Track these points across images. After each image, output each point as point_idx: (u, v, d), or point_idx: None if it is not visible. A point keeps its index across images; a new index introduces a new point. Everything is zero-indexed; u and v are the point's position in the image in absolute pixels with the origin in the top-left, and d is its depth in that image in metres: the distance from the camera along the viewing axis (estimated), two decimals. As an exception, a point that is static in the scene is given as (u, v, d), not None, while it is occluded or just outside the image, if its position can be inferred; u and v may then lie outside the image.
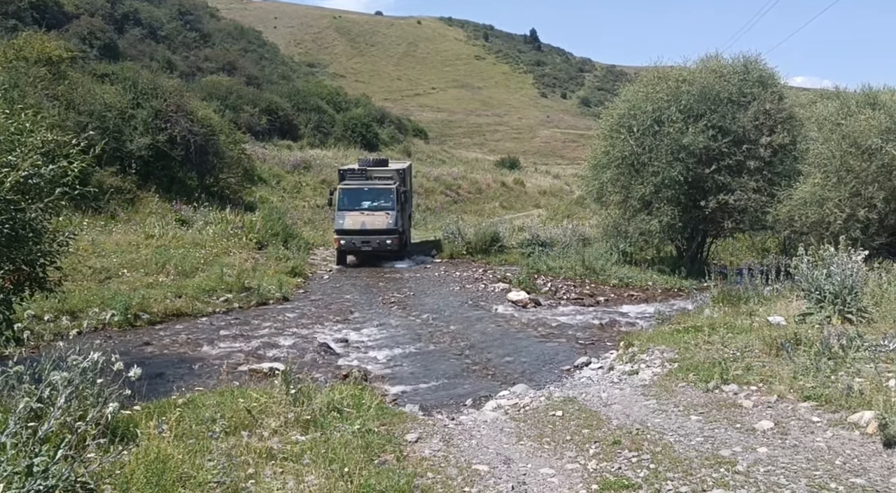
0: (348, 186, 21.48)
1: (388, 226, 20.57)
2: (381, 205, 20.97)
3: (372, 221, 20.51)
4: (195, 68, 56.46)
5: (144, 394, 6.41)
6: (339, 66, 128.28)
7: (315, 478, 5.13)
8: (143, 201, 22.65)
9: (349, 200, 21.11)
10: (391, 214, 20.74)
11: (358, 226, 20.44)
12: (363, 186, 21.44)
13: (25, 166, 6.91)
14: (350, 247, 20.72)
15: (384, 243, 20.65)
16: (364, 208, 20.88)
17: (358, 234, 20.52)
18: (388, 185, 21.52)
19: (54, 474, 3.81)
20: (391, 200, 21.03)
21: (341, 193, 21.24)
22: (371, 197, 21.20)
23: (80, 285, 13.45)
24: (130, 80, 25.85)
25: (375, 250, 20.70)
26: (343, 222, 20.60)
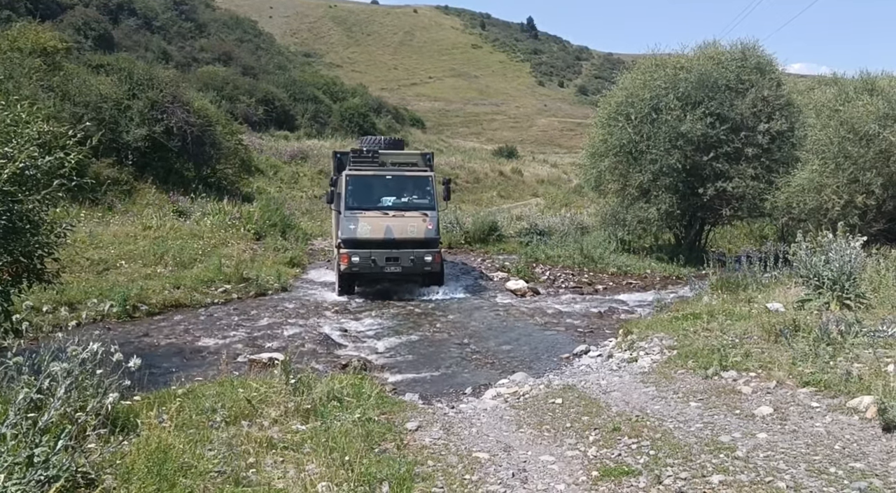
0: (360, 172, 14.68)
1: (428, 234, 14.01)
2: (415, 202, 14.54)
3: (401, 227, 13.93)
4: (191, 59, 56.18)
5: (144, 385, 6.42)
6: (335, 56, 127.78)
7: (316, 467, 5.14)
8: (140, 193, 22.59)
9: (362, 195, 14.38)
10: (430, 217, 14.16)
11: (380, 234, 13.82)
12: (384, 174, 14.82)
13: (22, 158, 6.88)
14: (366, 269, 13.86)
15: (421, 262, 13.93)
16: (387, 207, 14.31)
17: (380, 246, 13.83)
18: (422, 171, 15.18)
19: (55, 464, 3.81)
20: (429, 195, 14.60)
21: (349, 184, 14.44)
22: (397, 190, 14.65)
23: (77, 276, 13.43)
24: (126, 70, 25.72)
25: (407, 272, 14.08)
26: (355, 229, 13.80)
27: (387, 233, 13.88)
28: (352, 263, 13.79)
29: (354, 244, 13.85)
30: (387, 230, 13.90)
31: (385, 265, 13.86)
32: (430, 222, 14.08)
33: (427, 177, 14.93)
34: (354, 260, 13.75)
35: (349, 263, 13.80)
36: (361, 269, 13.85)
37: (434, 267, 14.08)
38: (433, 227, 14.10)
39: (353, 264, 13.80)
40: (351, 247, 13.85)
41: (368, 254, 13.78)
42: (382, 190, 14.65)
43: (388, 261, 13.87)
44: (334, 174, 16.36)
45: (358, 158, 15.06)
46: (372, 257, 13.78)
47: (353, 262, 13.78)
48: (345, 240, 13.89)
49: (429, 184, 14.77)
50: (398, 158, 15.77)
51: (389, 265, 13.90)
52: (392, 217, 14.07)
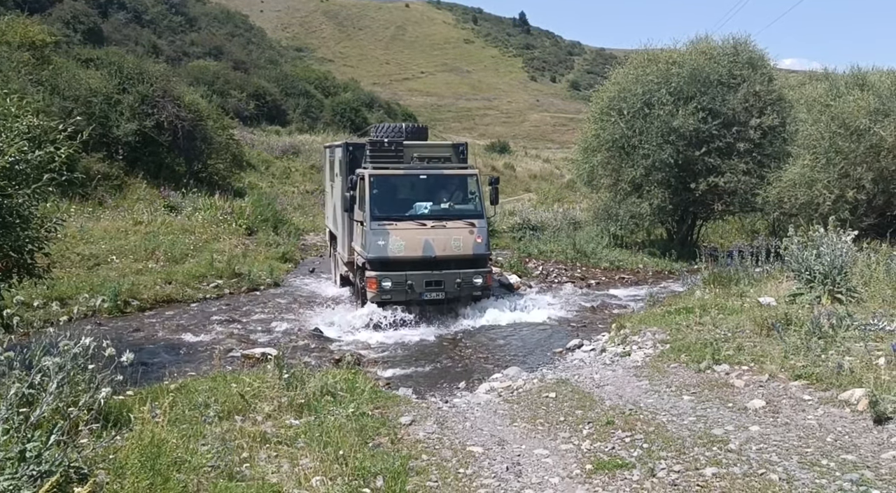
0: (386, 172, 11.75)
1: (477, 250, 11.53)
2: (458, 208, 11.81)
3: (444, 242, 11.33)
4: (181, 53, 55.90)
5: (137, 380, 6.38)
6: (327, 51, 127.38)
7: (310, 461, 5.13)
8: (130, 188, 22.47)
9: (390, 201, 11.64)
10: (479, 227, 11.58)
11: (417, 252, 11.23)
12: (417, 173, 11.98)
13: (12, 152, 6.83)
14: (400, 295, 11.23)
15: (469, 285, 11.50)
16: (423, 216, 11.53)
17: (417, 267, 11.25)
18: (462, 168, 12.43)
19: (47, 459, 3.79)
20: (475, 199, 12.00)
21: (373, 187, 11.50)
22: (434, 193, 11.86)
23: (68, 271, 13.35)
24: (116, 64, 25.54)
25: (452, 296, 11.57)
26: (385, 245, 11.14)
27: (426, 250, 11.14)
28: (382, 289, 10.96)
29: (384, 265, 10.97)
30: (425, 246, 11.14)
31: (424, 291, 11.16)
32: (478, 235, 11.36)
33: (471, 176, 12.08)
34: (385, 285, 10.91)
35: (379, 289, 10.97)
36: (394, 296, 11.07)
37: (486, 292, 11.76)
38: (483, 240, 11.43)
39: (383, 291, 10.98)
40: (380, 268, 10.95)
41: (403, 278, 10.98)
42: (415, 193, 11.77)
43: (428, 286, 11.17)
44: (337, 173, 13.79)
45: (377, 153, 11.97)
46: (408, 282, 10.99)
47: (383, 288, 10.94)
48: (371, 260, 10.99)
49: (473, 185, 11.95)
50: (425, 151, 12.67)
51: (430, 291, 11.20)
52: (431, 229, 11.19)
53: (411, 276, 11.18)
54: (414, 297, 11.25)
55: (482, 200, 12.06)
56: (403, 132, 13.33)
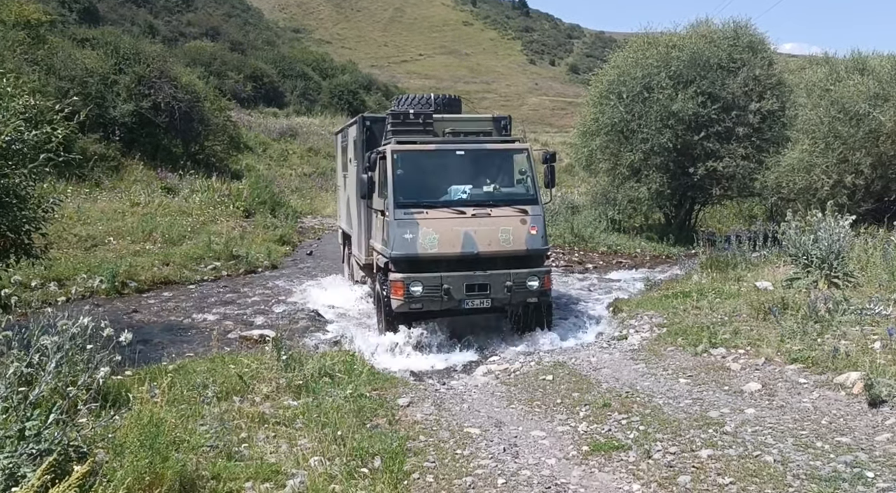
0: (414, 147, 9.31)
1: (532, 244, 9.01)
2: (505, 192, 9.36)
3: (489, 234, 8.85)
4: (178, 33, 55.47)
5: (135, 361, 6.40)
6: (324, 32, 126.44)
7: (308, 441, 5.16)
8: (127, 169, 22.37)
9: (419, 183, 9.27)
10: (533, 215, 9.09)
11: (455, 247, 8.77)
12: (452, 148, 9.47)
13: (8, 131, 6.80)
14: (434, 303, 8.73)
15: (523, 290, 8.90)
16: (461, 202, 9.06)
17: (456, 266, 8.79)
18: (509, 143, 9.90)
19: (46, 438, 3.80)
20: (528, 180, 9.47)
21: (397, 166, 9.07)
22: (475, 173, 9.44)
23: (66, 252, 13.33)
24: (112, 44, 25.34)
25: (500, 306, 9.19)
26: (413, 239, 8.72)
27: (466, 245, 8.66)
28: (410, 295, 8.50)
29: (413, 265, 8.64)
30: (465, 240, 8.66)
31: (465, 298, 8.63)
32: (533, 225, 8.91)
33: (520, 151, 9.58)
34: (415, 290, 8.49)
35: (406, 296, 8.51)
36: (427, 304, 8.60)
37: (543, 297, 9.03)
38: (539, 232, 8.96)
39: (412, 298, 8.52)
40: (407, 269, 8.61)
41: (437, 281, 8.54)
42: (450, 174, 9.29)
43: (470, 291, 8.64)
44: (351, 159, 11.58)
45: (401, 126, 9.68)
46: (444, 286, 8.54)
47: (412, 294, 8.49)
48: (397, 259, 8.65)
49: (524, 162, 9.50)
50: (460, 126, 10.26)
51: (472, 298, 8.68)
52: (472, 218, 8.73)
53: (448, 278, 8.56)
54: (451, 305, 8.65)
55: (536, 182, 9.33)
56: (432, 103, 10.82)
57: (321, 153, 35.09)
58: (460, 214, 8.81)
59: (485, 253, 8.78)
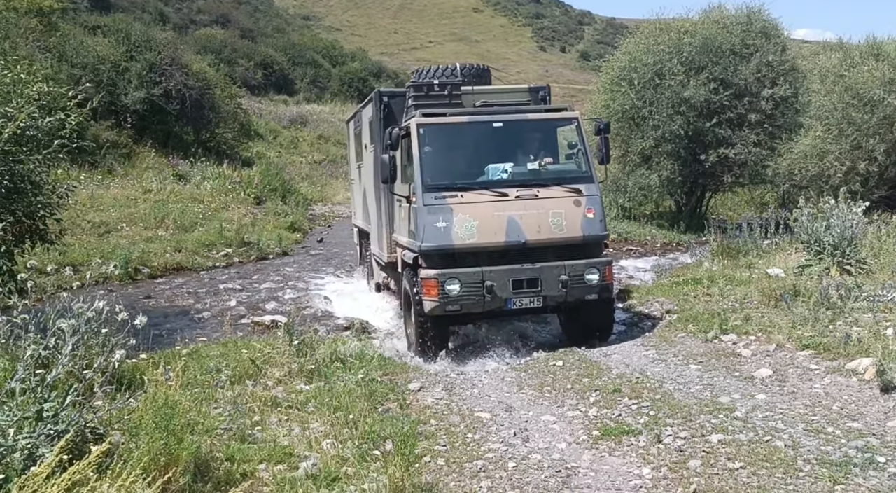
0: (443, 120, 7.98)
1: (589, 230, 7.70)
2: (554, 169, 8.08)
3: (537, 220, 7.55)
4: (188, 21, 55.40)
5: (149, 345, 6.48)
6: (334, 19, 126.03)
7: (320, 425, 5.22)
8: (139, 156, 22.47)
9: (451, 161, 8.05)
10: (589, 196, 7.79)
11: (498, 237, 7.47)
12: (489, 120, 8.05)
13: (22, 118, 6.84)
14: (475, 305, 7.39)
15: (580, 285, 7.56)
16: (502, 182, 7.71)
17: (499, 259, 7.52)
18: (558, 112, 8.51)
19: (64, 419, 3.86)
20: (580, 156, 8.20)
21: (424, 143, 7.78)
22: (515, 148, 8.16)
23: (79, 238, 13.45)
24: (123, 32, 25.39)
25: (553, 305, 7.81)
26: (448, 228, 7.41)
27: (511, 233, 7.36)
28: (446, 295, 7.20)
29: (448, 259, 7.39)
30: (510, 227, 7.36)
31: (511, 296, 7.35)
32: (589, 207, 7.59)
33: (569, 121, 8.26)
34: (451, 289, 7.20)
35: (441, 295, 7.20)
36: (466, 305, 7.29)
37: (604, 293, 7.61)
38: (597, 215, 7.63)
39: (448, 299, 7.21)
40: (441, 264, 7.35)
41: (478, 276, 7.26)
42: (487, 150, 7.96)
43: (517, 288, 7.35)
44: (367, 144, 10.23)
45: (424, 100, 8.37)
46: (486, 282, 7.25)
47: (447, 293, 7.19)
48: (428, 252, 7.36)
49: (574, 134, 8.21)
50: (492, 98, 8.81)
51: (520, 296, 7.38)
52: (516, 201, 7.42)
53: (491, 273, 7.27)
54: (495, 306, 7.32)
55: (590, 156, 7.98)
56: (458, 74, 9.34)
57: (331, 141, 35.10)
58: (502, 196, 7.42)
59: (533, 242, 7.40)
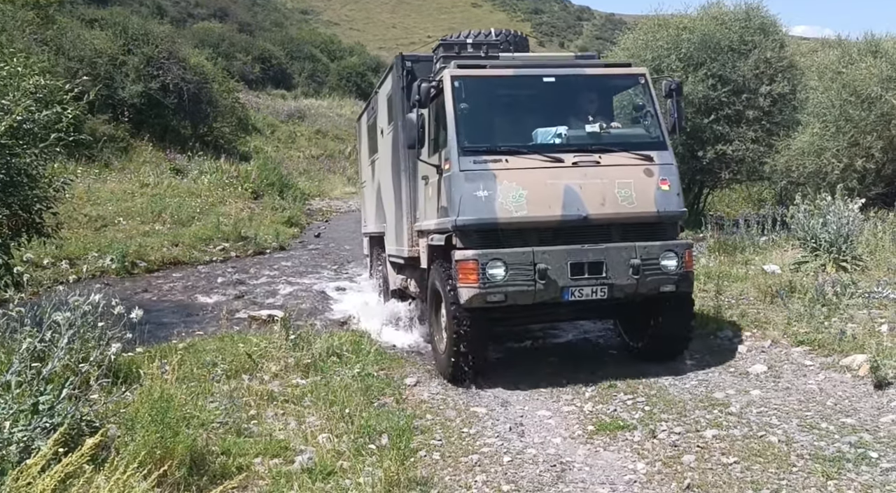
0: (483, 73, 6.55)
1: (664, 205, 6.19)
2: (620, 135, 6.63)
3: (601, 189, 6.08)
4: (186, 14, 55.23)
5: (145, 339, 6.47)
6: (332, 14, 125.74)
7: (316, 419, 5.23)
8: (136, 150, 22.43)
9: (493, 123, 6.80)
10: (662, 164, 6.31)
11: (553, 210, 5.99)
12: (538, 75, 6.64)
13: (19, 111, 6.82)
14: (523, 295, 5.86)
15: (657, 272, 6.01)
16: (556, 147, 6.26)
17: (552, 238, 6.03)
18: (624, 68, 7.22)
19: (59, 412, 3.87)
20: (650, 118, 6.70)
21: (460, 98, 6.35)
22: (571, 110, 6.71)
23: (76, 232, 13.44)
24: (120, 25, 25.27)
25: (621, 297, 6.09)
26: (491, 197, 5.95)
27: (568, 205, 6.01)
28: (489, 281, 5.81)
29: (490, 236, 6.01)
30: (568, 199, 6.01)
31: (570, 284, 5.92)
32: (663, 177, 6.24)
33: (635, 77, 6.87)
34: (494, 274, 5.82)
35: (483, 282, 5.81)
36: (513, 295, 5.87)
37: (683, 285, 6.14)
38: (673, 187, 6.26)
39: (491, 285, 5.82)
40: (481, 243, 5.97)
41: (527, 257, 5.87)
42: (537, 111, 6.74)
43: (576, 273, 5.93)
44: (383, 130, 8.88)
45: (460, 61, 6.72)
46: (538, 265, 5.84)
47: (490, 278, 5.81)
48: (465, 228, 6.00)
49: (642, 93, 6.78)
50: None
51: (580, 284, 5.95)
52: (574, 168, 6.12)
53: (544, 254, 5.86)
54: (549, 296, 5.90)
55: (662, 119, 6.59)
56: (493, 38, 7.86)
57: (329, 135, 35.06)
58: (556, 162, 6.06)
59: (596, 217, 5.99)
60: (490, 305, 5.85)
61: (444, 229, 6.28)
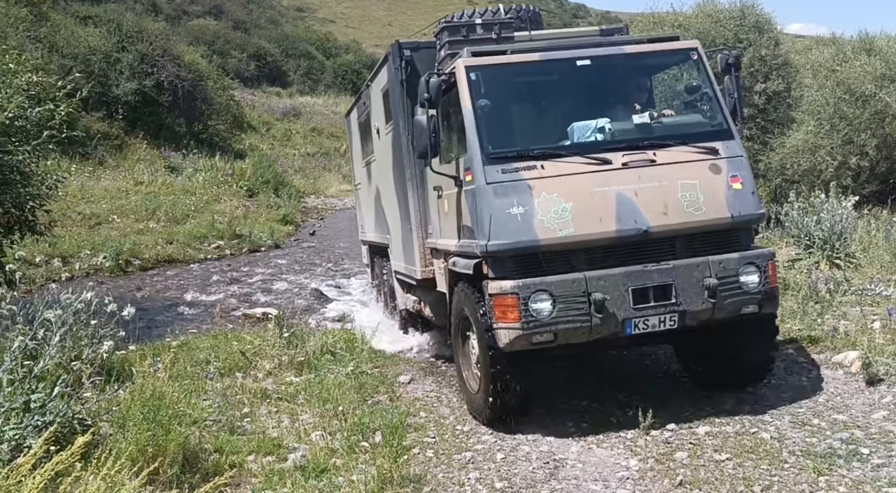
0: (505, 59, 5.35)
1: (738, 208, 5.01)
2: (675, 125, 5.46)
3: (661, 194, 4.95)
4: (181, 12, 55.03)
5: (138, 337, 6.47)
6: (328, 11, 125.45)
7: (310, 417, 5.23)
8: (130, 148, 22.35)
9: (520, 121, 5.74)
10: (730, 158, 5.18)
11: (607, 225, 4.86)
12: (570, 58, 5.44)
13: (11, 108, 6.81)
14: (577, 332, 4.75)
15: (736, 292, 4.88)
16: (595, 146, 5.13)
17: (606, 259, 4.92)
18: (671, 43, 5.87)
19: (51, 410, 3.87)
20: (712, 101, 5.50)
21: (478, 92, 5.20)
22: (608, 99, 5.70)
23: (69, 230, 13.41)
24: (114, 22, 25.18)
25: (692, 325, 4.95)
26: (528, 214, 4.82)
27: (624, 217, 4.92)
28: (533, 319, 4.70)
29: (529, 262, 4.92)
30: (622, 210, 4.94)
31: (633, 315, 4.84)
32: (732, 173, 5.17)
33: (686, 52, 5.75)
34: (540, 309, 4.71)
35: (526, 320, 4.70)
36: (564, 334, 4.79)
37: (767, 306, 5.08)
38: (746, 185, 5.19)
39: (536, 324, 4.71)
40: (518, 271, 4.88)
41: (580, 286, 4.78)
42: (570, 101, 5.79)
43: (640, 301, 4.85)
44: (379, 129, 7.81)
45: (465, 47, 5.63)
46: (592, 295, 4.76)
47: (535, 316, 4.70)
48: (499, 253, 4.90)
49: (695, 71, 5.73)
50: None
51: (646, 314, 4.86)
52: (625, 170, 5.06)
53: (600, 281, 4.80)
54: (608, 332, 4.85)
55: (722, 102, 5.50)
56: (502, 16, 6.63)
57: (325, 133, 35.01)
58: (602, 164, 5.00)
59: (659, 230, 4.91)
60: (537, 346, 4.77)
61: (470, 254, 5.17)
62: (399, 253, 7.50)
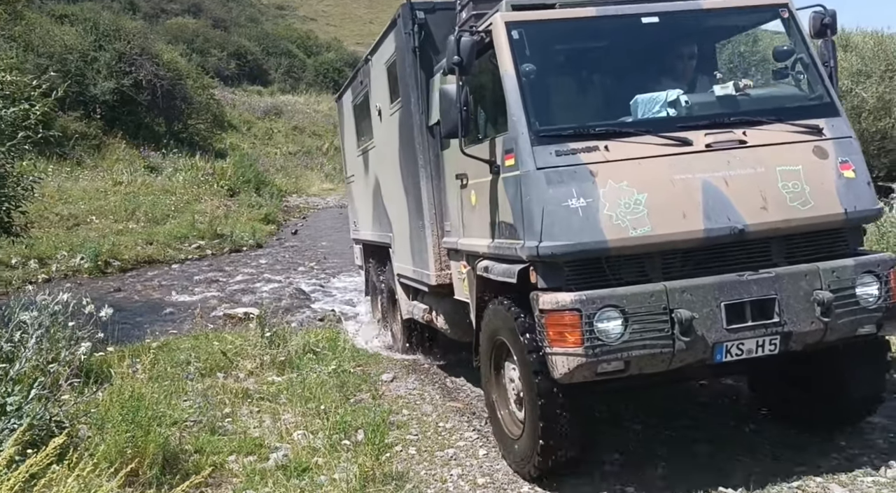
0: (555, 15, 4.25)
1: (852, 202, 3.95)
2: (766, 97, 4.56)
3: (756, 185, 3.89)
4: (159, 10, 54.49)
5: (117, 338, 6.40)
6: (309, 9, 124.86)
7: (292, 416, 5.21)
8: (109, 148, 22.14)
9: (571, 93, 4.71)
10: (837, 140, 4.08)
11: (692, 220, 3.78)
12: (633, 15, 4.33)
13: (-16, 108, 6.72)
14: (653, 356, 3.64)
15: (852, 308, 3.84)
16: (668, 123, 4.05)
17: (685, 264, 3.89)
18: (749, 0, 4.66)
19: (28, 413, 3.82)
20: (810, 69, 4.41)
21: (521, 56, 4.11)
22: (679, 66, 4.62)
23: (47, 231, 13.25)
24: (91, 21, 24.92)
25: (796, 349, 3.88)
26: (592, 208, 3.75)
27: (713, 213, 3.83)
28: (601, 341, 3.61)
29: (592, 269, 3.84)
30: (710, 203, 3.84)
31: (726, 338, 3.74)
32: (842, 157, 4.09)
33: (772, 10, 4.80)
34: (609, 330, 3.62)
35: (591, 344, 3.60)
36: (638, 362, 3.69)
37: (888, 323, 3.98)
38: (859, 174, 4.08)
39: (604, 350, 3.61)
40: (579, 281, 3.79)
41: (658, 300, 3.68)
42: (633, 67, 4.69)
43: (735, 318, 3.74)
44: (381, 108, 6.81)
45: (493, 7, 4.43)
46: (675, 311, 3.65)
47: (603, 338, 3.61)
48: (552, 257, 3.79)
49: (788, 31, 4.67)
50: None
51: (742, 335, 3.77)
52: (709, 153, 3.97)
53: (684, 294, 3.75)
54: (695, 358, 3.79)
55: (822, 72, 4.47)
56: None
57: (306, 132, 34.86)
58: (681, 145, 4.01)
59: (757, 229, 3.92)
60: (604, 377, 3.73)
61: (511, 258, 4.15)
62: (405, 254, 6.47)
